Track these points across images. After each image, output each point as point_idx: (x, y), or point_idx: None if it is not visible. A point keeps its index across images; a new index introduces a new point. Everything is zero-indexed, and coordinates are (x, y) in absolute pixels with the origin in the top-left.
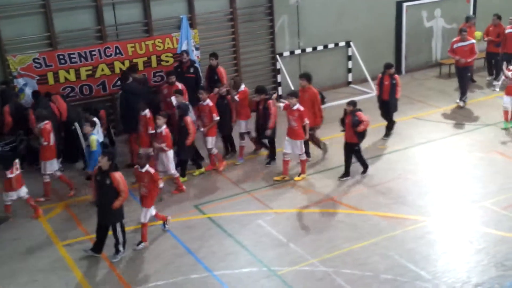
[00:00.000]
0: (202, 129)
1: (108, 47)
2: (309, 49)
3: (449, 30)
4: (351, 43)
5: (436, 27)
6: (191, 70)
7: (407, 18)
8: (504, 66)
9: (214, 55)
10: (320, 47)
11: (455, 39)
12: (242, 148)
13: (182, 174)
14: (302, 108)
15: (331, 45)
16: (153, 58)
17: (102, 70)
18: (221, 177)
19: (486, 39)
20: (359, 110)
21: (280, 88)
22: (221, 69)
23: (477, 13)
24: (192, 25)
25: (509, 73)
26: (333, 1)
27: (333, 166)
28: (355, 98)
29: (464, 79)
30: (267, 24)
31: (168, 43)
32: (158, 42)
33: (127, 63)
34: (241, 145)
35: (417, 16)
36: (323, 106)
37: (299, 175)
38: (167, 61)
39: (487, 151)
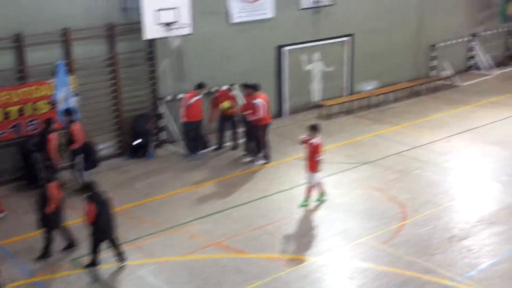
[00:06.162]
0: None
1: None
2: None
3: (327, 73)
4: (235, 86)
5: (315, 70)
6: None
7: (288, 62)
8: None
9: (66, 112)
10: (204, 90)
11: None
12: None
13: None
14: None
15: (215, 88)
16: (28, 105)
17: None
18: None
19: (245, 113)
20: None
21: (165, 133)
22: (73, 127)
23: (354, 57)
24: (70, 71)
25: (301, 137)
26: (215, 44)
27: (217, 210)
28: None
29: (257, 137)
30: (149, 68)
31: (44, 90)
32: (33, 89)
33: (0, 111)
34: None
35: (297, 60)
36: None
37: None
38: (43, 109)
39: (365, 187)
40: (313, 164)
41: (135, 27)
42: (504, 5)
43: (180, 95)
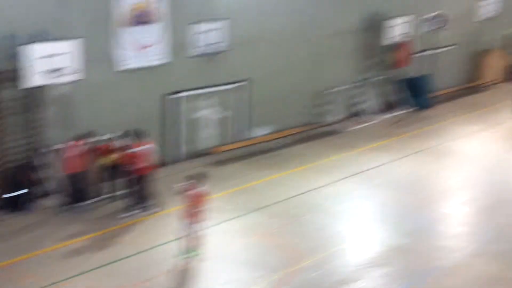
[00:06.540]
0: None
1: None
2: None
3: (222, 119)
4: (117, 136)
5: (210, 116)
6: None
7: (181, 108)
8: None
9: None
10: (89, 140)
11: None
12: None
13: None
14: None
15: (105, 137)
16: None
17: None
18: None
19: (129, 163)
20: None
21: (45, 185)
22: None
23: (253, 101)
24: None
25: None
26: (104, 92)
27: (100, 264)
28: None
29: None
30: (32, 116)
31: None
32: None
33: None
34: None
35: (190, 106)
36: None
37: None
38: None
39: (253, 235)
40: (194, 213)
41: (17, 74)
42: (387, 54)
43: (64, 145)
